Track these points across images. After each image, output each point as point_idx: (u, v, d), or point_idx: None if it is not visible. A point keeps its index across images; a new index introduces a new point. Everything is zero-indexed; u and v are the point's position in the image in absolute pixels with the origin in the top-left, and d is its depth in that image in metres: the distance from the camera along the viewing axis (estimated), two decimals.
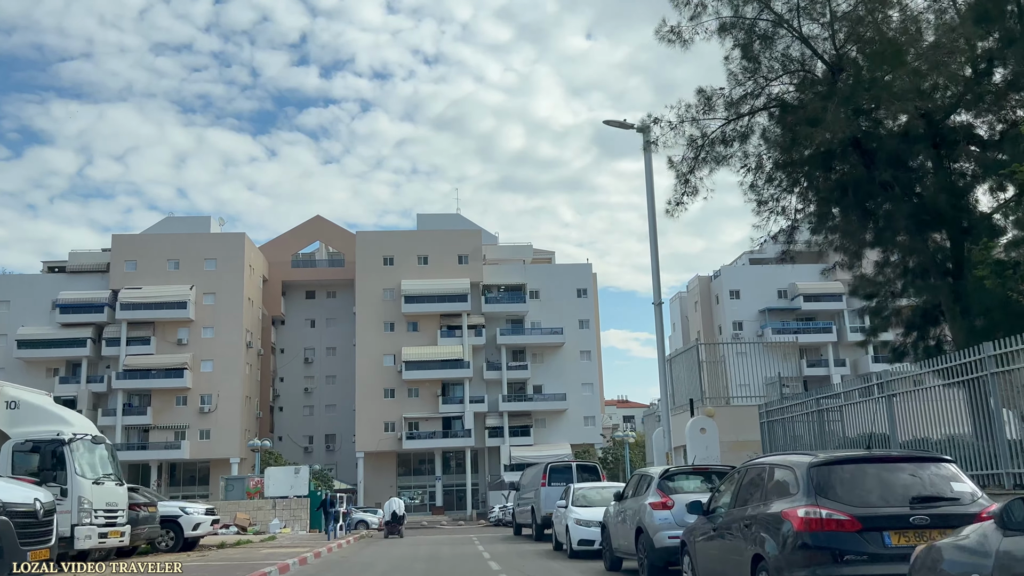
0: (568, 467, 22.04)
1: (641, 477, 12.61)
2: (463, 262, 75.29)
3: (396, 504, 27.85)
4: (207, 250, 73.87)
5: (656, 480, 11.46)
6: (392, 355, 73.28)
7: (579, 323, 76.20)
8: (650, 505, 10.92)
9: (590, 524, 15.33)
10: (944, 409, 12.97)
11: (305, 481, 27.10)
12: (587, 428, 74.25)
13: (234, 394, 71.36)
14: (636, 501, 11.75)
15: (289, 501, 26.51)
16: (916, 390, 14.03)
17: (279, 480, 26.83)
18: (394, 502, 27.91)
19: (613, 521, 13.00)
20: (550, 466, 21.89)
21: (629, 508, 12.06)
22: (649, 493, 11.27)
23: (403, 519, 28.79)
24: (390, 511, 27.82)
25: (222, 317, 72.54)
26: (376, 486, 73.35)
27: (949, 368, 12.50)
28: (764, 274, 77.78)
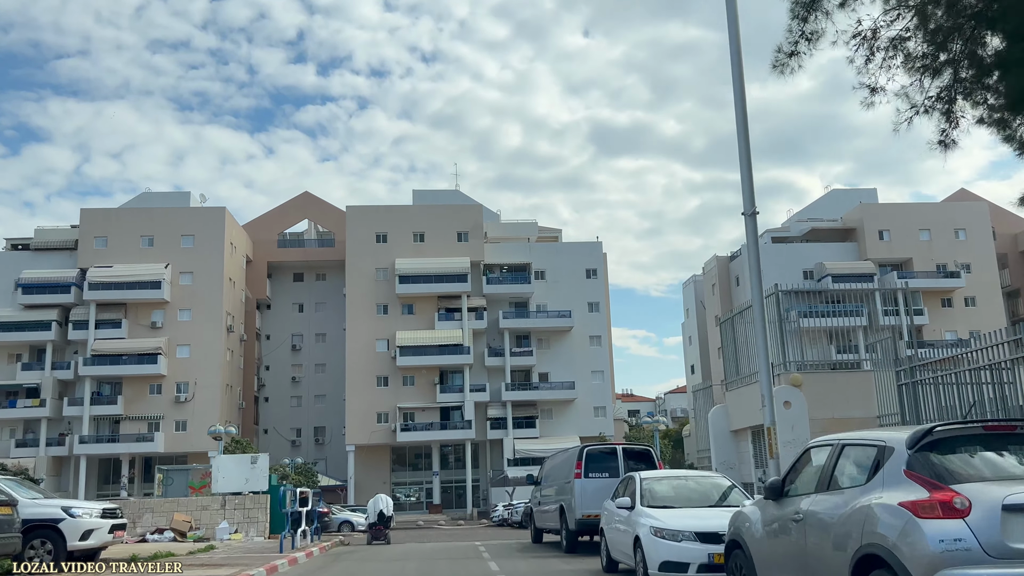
0: (611, 452, 16.07)
1: (853, 447, 6.41)
2: (463, 240, 69.39)
3: (382, 502, 22.14)
4: (184, 226, 67.95)
5: (904, 452, 5.54)
6: (385, 340, 67.40)
7: (588, 306, 70.37)
8: (907, 507, 5.09)
9: (681, 537, 9.44)
10: None
11: (264, 473, 21.23)
12: (598, 419, 68.40)
13: (213, 382, 65.46)
14: (843, 498, 5.93)
15: (244, 499, 20.72)
16: None
17: (231, 472, 20.88)
18: (380, 500, 22.18)
19: (762, 533, 7.09)
20: (587, 451, 15.92)
21: (821, 511, 6.11)
22: (890, 479, 5.49)
23: (391, 520, 23.07)
24: (375, 511, 22.08)
25: (200, 298, 66.65)
26: (368, 482, 67.46)
27: None
28: (788, 253, 71.97)
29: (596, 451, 16.14)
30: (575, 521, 15.43)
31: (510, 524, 43.82)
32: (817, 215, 76.20)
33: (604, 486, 15.68)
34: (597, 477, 15.60)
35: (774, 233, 75.65)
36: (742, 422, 20.88)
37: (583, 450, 15.99)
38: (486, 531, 37.69)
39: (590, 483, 15.48)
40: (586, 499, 15.35)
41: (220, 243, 67.68)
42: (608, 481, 15.70)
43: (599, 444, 16.44)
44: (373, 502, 22.61)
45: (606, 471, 15.64)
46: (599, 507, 15.48)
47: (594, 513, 15.47)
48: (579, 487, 15.42)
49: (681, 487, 11.24)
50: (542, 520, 18.78)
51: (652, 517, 10.05)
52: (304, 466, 54.38)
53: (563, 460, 17.33)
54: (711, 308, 76.70)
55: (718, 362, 76.18)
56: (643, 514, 10.32)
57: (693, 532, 9.41)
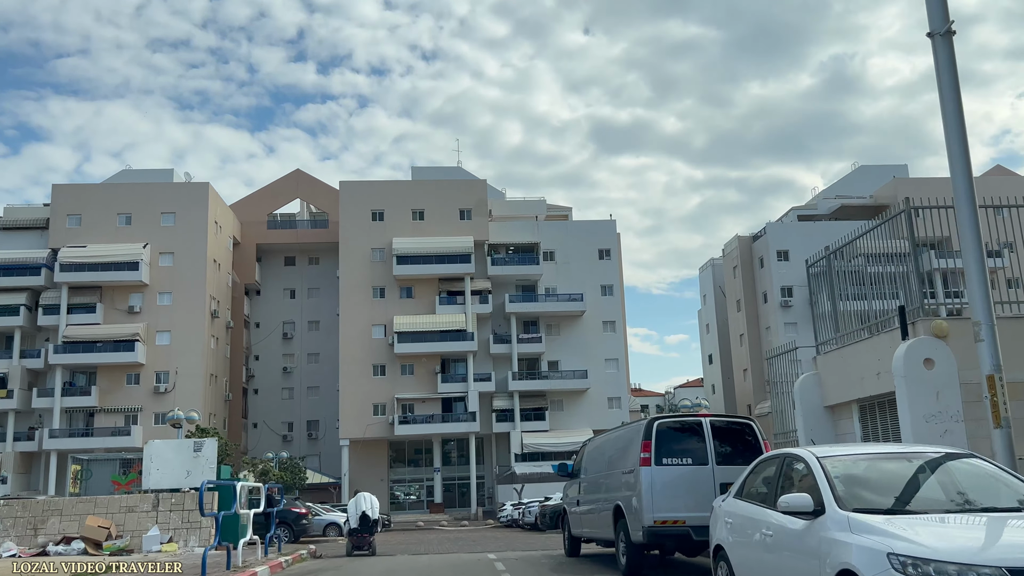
0: (694, 427, 10.75)
1: None
2: (465, 218, 64.24)
3: (365, 502, 17.12)
4: (164, 202, 62.84)
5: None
6: (382, 325, 62.27)
7: (601, 289, 65.21)
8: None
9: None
10: None
11: (211, 463, 16.05)
12: (612, 411, 63.24)
13: (196, 371, 60.37)
14: None
15: (184, 497, 15.65)
16: None
17: (168, 462, 15.70)
18: (362, 500, 17.14)
19: None
20: (658, 426, 10.64)
21: None
22: None
23: (376, 525, 18.04)
24: (356, 513, 17.04)
25: (182, 281, 61.56)
26: (364, 479, 62.34)
27: None
28: (816, 232, 66.57)
29: (672, 426, 10.84)
30: (642, 529, 10.28)
31: (520, 526, 38.76)
32: (845, 193, 71.04)
33: (686, 477, 10.53)
34: (674, 464, 10.47)
35: (800, 211, 70.53)
36: (843, 394, 15.62)
37: (652, 425, 10.72)
38: (495, 534, 32.59)
39: (664, 473, 10.35)
40: (660, 496, 10.24)
41: (203, 221, 62.58)
42: (691, 470, 10.56)
43: (674, 416, 11.25)
44: (354, 502, 17.56)
45: (687, 455, 10.51)
46: (679, 507, 10.33)
47: (672, 518, 10.33)
48: (648, 479, 10.28)
49: (923, 479, 6.02)
50: (582, 525, 13.62)
51: (889, 535, 4.90)
52: (290, 461, 49.26)
53: (617, 441, 12.08)
54: (732, 292, 71.57)
55: (740, 349, 71.23)
56: (860, 526, 5.18)
57: (1003, 568, 4.33)
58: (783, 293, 65.03)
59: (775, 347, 18.71)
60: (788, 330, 64.31)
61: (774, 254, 65.67)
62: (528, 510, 34.95)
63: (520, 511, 38.34)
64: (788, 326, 64.45)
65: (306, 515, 25.27)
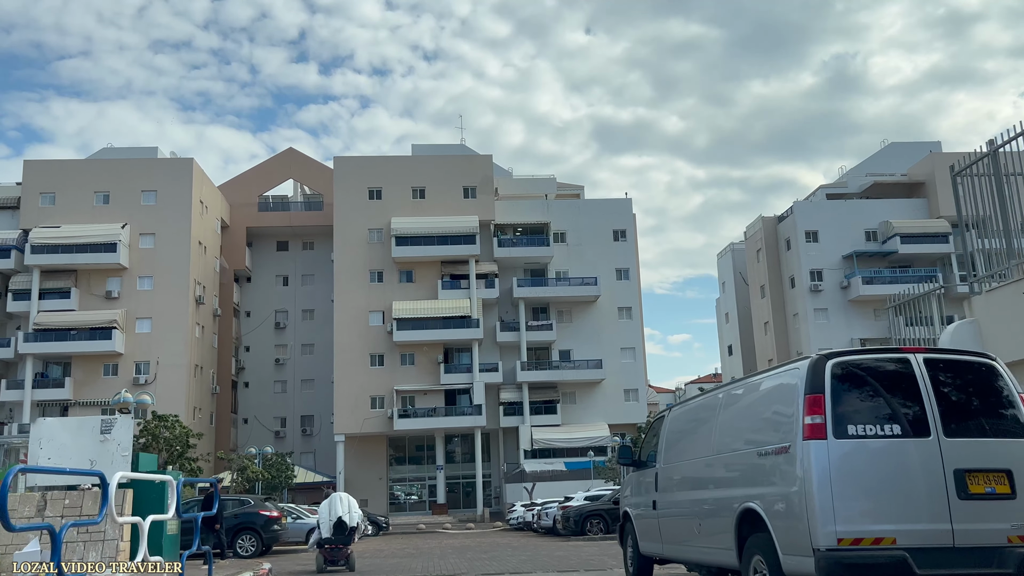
0: (900, 369, 6.20)
1: None
2: (470, 196, 59.59)
3: (341, 505, 12.62)
4: (145, 180, 58.26)
5: None
6: (380, 312, 57.65)
7: (616, 273, 60.54)
8: None
9: None
10: None
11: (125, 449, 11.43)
12: (629, 404, 58.62)
13: (179, 362, 55.79)
14: None
15: (84, 496, 11.12)
16: None
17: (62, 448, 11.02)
18: (337, 501, 12.62)
19: None
20: (834, 366, 5.93)
21: None
22: None
23: (353, 533, 13.47)
24: (330, 519, 12.48)
25: (164, 264, 57.01)
26: (361, 478, 57.86)
27: None
28: (847, 211, 62.17)
29: (860, 367, 6.09)
30: (814, 555, 5.47)
31: (535, 529, 34.15)
32: (874, 171, 66.34)
33: (891, 460, 5.79)
34: (869, 436, 5.79)
35: (828, 189, 65.82)
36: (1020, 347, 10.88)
37: (822, 366, 5.98)
38: (508, 540, 27.94)
39: (852, 453, 5.64)
40: (846, 494, 5.55)
41: (187, 200, 57.98)
42: (898, 447, 5.82)
43: (860, 352, 6.46)
44: (327, 505, 13.04)
45: (891, 421, 5.82)
46: (882, 514, 5.67)
47: (872, 533, 5.61)
48: (822, 463, 5.52)
49: None
50: (662, 540, 8.88)
51: None
52: (277, 457, 44.55)
53: (741, 401, 7.26)
54: (755, 278, 66.85)
55: (765, 338, 66.49)
56: None
57: None
58: (812, 277, 60.33)
59: (897, 295, 13.93)
60: (818, 316, 59.76)
61: (802, 235, 60.96)
62: (545, 512, 30.29)
63: (534, 513, 33.69)
64: (818, 312, 59.84)
65: (278, 519, 20.65)
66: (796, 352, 61.76)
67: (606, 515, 23.69)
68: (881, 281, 59.37)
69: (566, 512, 24.58)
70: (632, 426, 55.59)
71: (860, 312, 59.64)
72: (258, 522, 20.09)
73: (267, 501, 21.59)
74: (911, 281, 59.42)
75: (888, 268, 60.79)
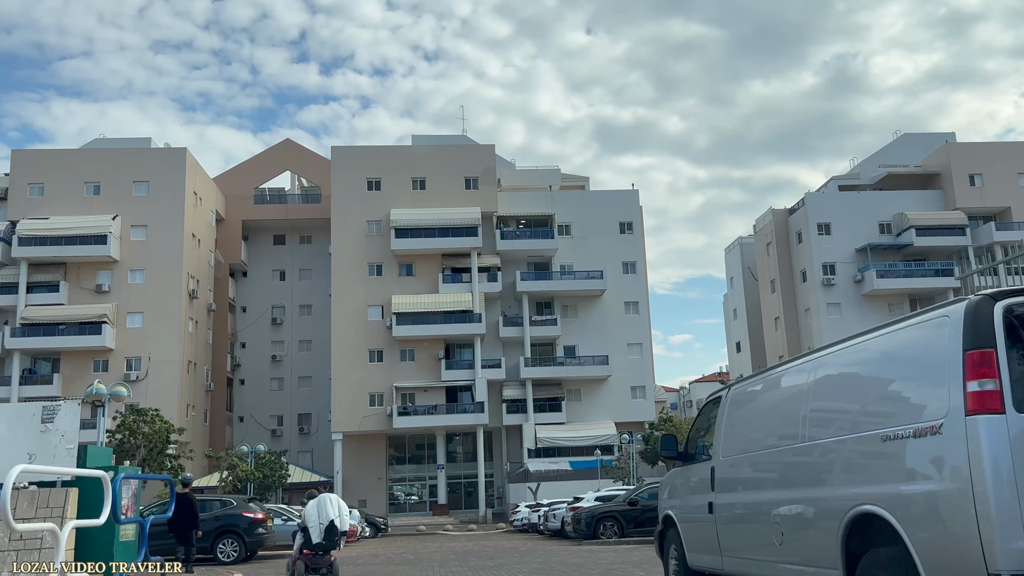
0: None
1: None
2: (471, 187, 57.79)
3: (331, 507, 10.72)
4: (137, 170, 56.48)
5: None
6: (379, 306, 55.89)
7: (623, 266, 58.76)
8: None
9: None
10: None
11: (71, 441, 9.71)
12: (636, 401, 56.81)
13: (171, 357, 54.01)
14: None
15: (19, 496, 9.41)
16: None
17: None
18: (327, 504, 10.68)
19: None
20: (1007, 307, 4.25)
21: None
22: None
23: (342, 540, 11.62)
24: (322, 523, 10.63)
25: (156, 256, 55.24)
26: (359, 478, 56.16)
27: None
28: (860, 203, 60.38)
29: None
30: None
31: (541, 532, 32.37)
32: (887, 162, 64.54)
33: None
34: None
35: (841, 180, 63.98)
36: None
37: (982, 311, 4.28)
38: (514, 544, 26.15)
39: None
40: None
41: (180, 191, 56.21)
42: None
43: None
44: (315, 507, 11.14)
45: None
46: None
47: None
48: (997, 444, 3.70)
49: None
50: (721, 551, 7.01)
51: None
52: (270, 456, 42.69)
53: (845, 367, 5.37)
54: (765, 272, 65.04)
55: (776, 334, 64.63)
56: None
57: None
58: (825, 270, 58.52)
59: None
60: (831, 311, 57.93)
61: (814, 227, 59.13)
62: (552, 513, 28.47)
63: (541, 514, 31.88)
64: (831, 307, 58.01)
65: (263, 521, 18.83)
66: (808, 348, 59.99)
67: (620, 517, 21.89)
68: (896, 275, 57.62)
69: (577, 514, 22.78)
70: (639, 424, 53.78)
71: (874, 307, 57.80)
72: (241, 525, 18.30)
73: (252, 502, 19.74)
74: (927, 275, 57.89)
75: (903, 261, 58.97)
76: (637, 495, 22.37)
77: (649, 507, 22.13)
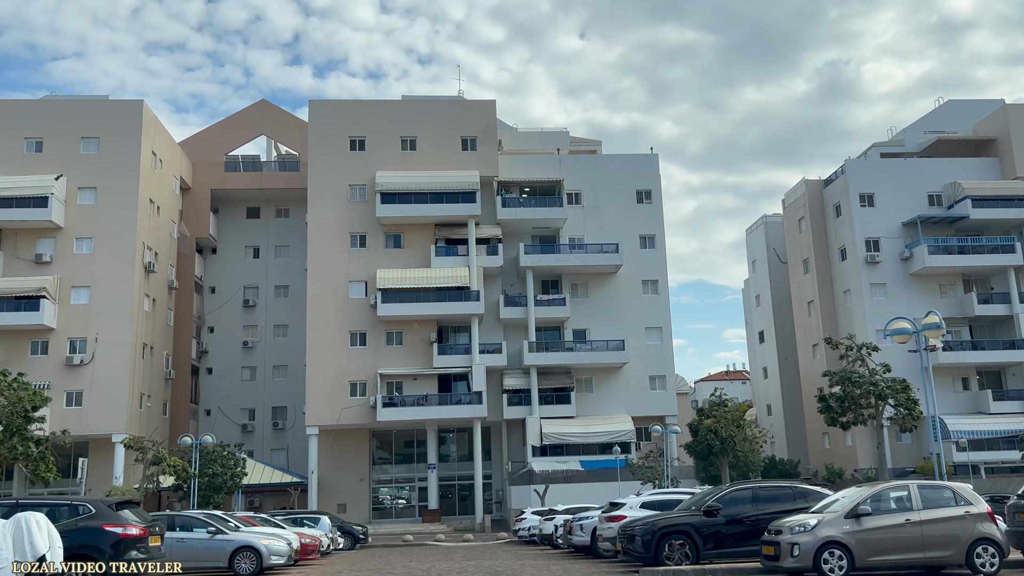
0: None
1: None
2: (469, 148, 50.82)
3: (40, 533, 4.34)
4: (86, 125, 49.36)
5: None
6: (362, 282, 48.88)
7: (640, 240, 51.92)
8: None
9: None
10: None
11: None
12: (655, 393, 49.88)
13: (122, 339, 46.84)
14: None
15: None
16: None
17: None
18: (33, 527, 4.34)
19: None
20: None
21: None
22: None
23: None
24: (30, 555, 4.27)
25: (106, 224, 48.15)
26: (338, 479, 49.21)
27: None
28: (907, 171, 53.67)
29: None
30: None
31: (557, 545, 25.44)
32: (932, 129, 57.87)
33: None
34: None
35: (883, 148, 57.19)
36: None
37: None
38: (524, 564, 19.13)
39: None
40: None
41: (136, 149, 49.08)
42: None
43: None
44: (12, 530, 4.56)
45: None
46: None
47: None
48: None
49: None
50: None
51: None
52: (220, 451, 35.33)
53: None
54: (796, 252, 58.20)
55: (808, 320, 57.52)
56: None
57: None
58: (868, 247, 51.70)
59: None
60: (875, 292, 51.17)
61: (855, 199, 52.34)
62: (579, 524, 21.38)
63: (557, 525, 24.85)
64: (875, 287, 51.26)
65: (142, 538, 11.74)
66: (847, 335, 53.19)
67: (694, 532, 14.89)
68: (949, 251, 50.82)
69: (628, 527, 15.66)
70: (659, 419, 46.79)
71: (923, 287, 51.05)
72: (102, 544, 11.36)
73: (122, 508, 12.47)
74: (983, 251, 51.00)
75: (955, 236, 52.19)
76: (714, 501, 15.38)
77: (735, 518, 15.14)
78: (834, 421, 42.09)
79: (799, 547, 12.39)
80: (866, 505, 12.68)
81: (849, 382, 40.57)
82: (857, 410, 40.53)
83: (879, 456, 43.25)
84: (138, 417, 47.32)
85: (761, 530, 14.91)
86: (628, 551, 15.49)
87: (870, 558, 12.42)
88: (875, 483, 13.39)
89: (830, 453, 52.84)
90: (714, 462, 42.94)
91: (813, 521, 12.66)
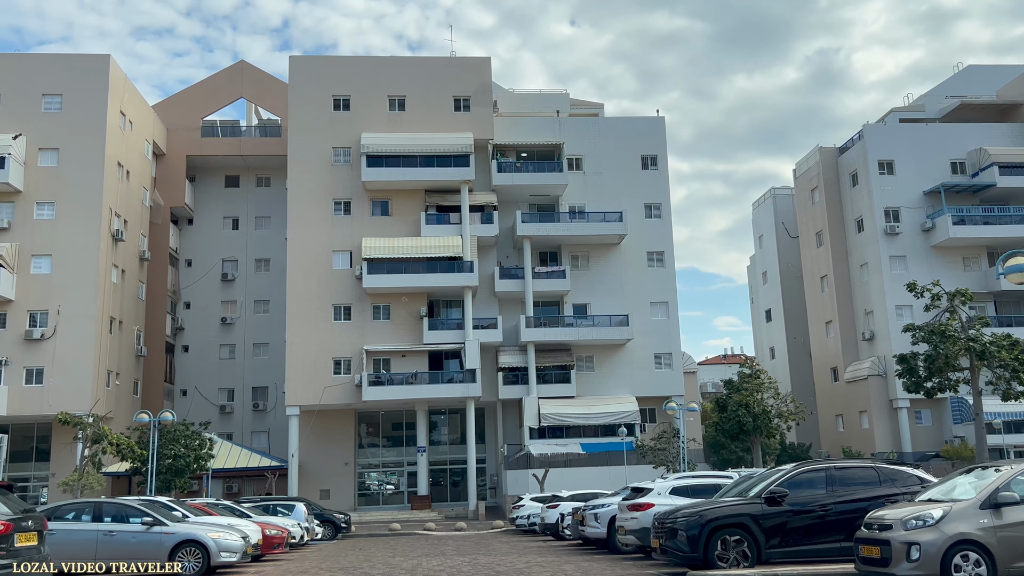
0: None
1: None
2: (462, 109, 47.29)
3: None
4: (48, 81, 45.65)
5: None
6: (346, 252, 45.41)
7: (645, 209, 48.58)
8: None
9: None
10: None
11: None
12: (660, 372, 46.65)
13: (86, 312, 43.33)
14: None
15: None
16: None
17: None
18: None
19: None
20: None
21: None
22: None
23: None
24: None
25: (70, 188, 44.56)
26: (321, 463, 45.90)
27: None
28: (929, 136, 50.42)
29: None
30: None
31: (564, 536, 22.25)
32: (952, 94, 54.66)
33: None
34: None
35: (902, 113, 53.90)
36: None
37: None
38: (530, 559, 15.90)
39: None
40: None
41: (102, 108, 45.40)
42: None
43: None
44: None
45: None
46: None
47: None
48: None
49: None
50: None
51: None
52: (183, 430, 31.91)
53: None
54: (809, 224, 54.96)
55: (822, 296, 54.17)
56: None
57: None
58: (888, 217, 48.51)
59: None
60: (894, 266, 48.00)
61: (874, 166, 49.10)
62: (594, 512, 18.10)
63: (569, 514, 21.62)
64: (894, 260, 48.08)
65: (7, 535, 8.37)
66: (864, 311, 50.01)
67: (754, 525, 11.62)
68: (973, 222, 47.68)
69: (669, 519, 12.31)
70: (666, 399, 43.59)
71: (946, 260, 47.92)
72: None
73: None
74: (1011, 222, 47.63)
75: (980, 205, 49.06)
76: (779, 485, 12.07)
77: (805, 507, 11.85)
78: (918, 387, 32.85)
79: (919, 547, 9.11)
80: (1009, 491, 9.36)
81: (943, 337, 31.38)
82: (945, 372, 31.58)
83: (899, 438, 40.05)
84: (105, 396, 43.83)
85: (838, 523, 11.70)
86: (667, 549, 12.19)
87: (1017, 563, 9.11)
88: (1016, 462, 10.02)
89: (845, 436, 49.80)
90: (727, 444, 39.76)
91: (938, 513, 9.31)
